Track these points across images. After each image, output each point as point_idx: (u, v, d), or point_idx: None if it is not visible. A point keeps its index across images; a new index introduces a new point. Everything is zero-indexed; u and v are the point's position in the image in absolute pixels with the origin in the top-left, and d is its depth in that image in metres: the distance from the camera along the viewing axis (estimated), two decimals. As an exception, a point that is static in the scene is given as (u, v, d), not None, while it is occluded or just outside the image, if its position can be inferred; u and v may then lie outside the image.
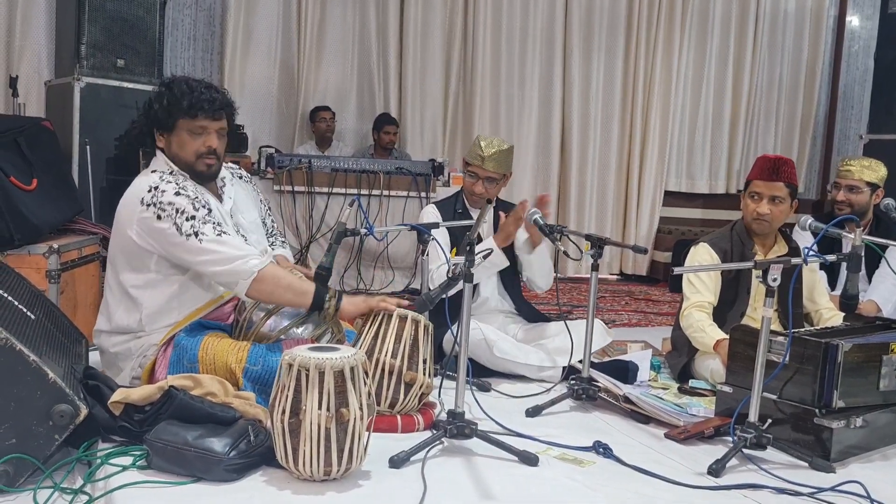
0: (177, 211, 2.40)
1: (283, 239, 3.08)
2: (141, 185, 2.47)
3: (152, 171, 2.52)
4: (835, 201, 3.77)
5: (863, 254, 2.51)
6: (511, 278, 3.44)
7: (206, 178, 2.61)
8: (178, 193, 2.42)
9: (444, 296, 2.40)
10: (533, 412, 2.69)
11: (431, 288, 2.75)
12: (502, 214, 3.16)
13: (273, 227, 3.02)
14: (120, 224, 2.51)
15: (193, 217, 2.40)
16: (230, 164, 2.74)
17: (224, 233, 2.43)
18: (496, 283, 3.43)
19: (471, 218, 3.29)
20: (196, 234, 2.38)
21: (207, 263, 2.41)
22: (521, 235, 3.23)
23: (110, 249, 2.59)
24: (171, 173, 2.51)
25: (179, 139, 2.54)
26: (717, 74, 7.03)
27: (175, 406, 2.10)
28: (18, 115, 4.29)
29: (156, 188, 2.43)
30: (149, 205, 2.41)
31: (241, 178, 2.87)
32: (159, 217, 2.40)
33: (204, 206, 2.45)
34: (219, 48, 6.25)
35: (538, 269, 3.32)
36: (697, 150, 7.11)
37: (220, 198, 2.68)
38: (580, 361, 2.84)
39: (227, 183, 2.74)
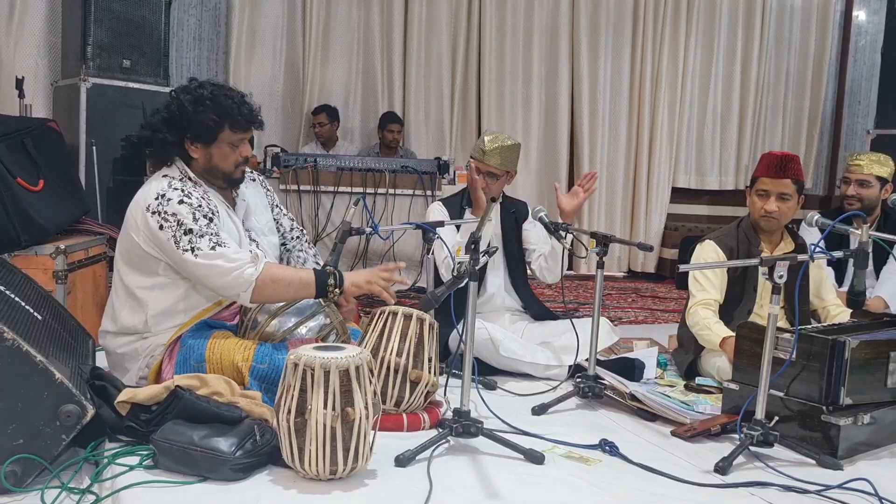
0: (178, 223, 2.40)
1: (307, 238, 3.06)
2: (150, 191, 2.47)
3: (163, 177, 2.52)
4: (844, 196, 3.76)
5: (870, 250, 2.50)
6: (519, 275, 3.43)
7: (239, 183, 2.68)
8: (181, 202, 2.43)
9: (450, 293, 2.40)
10: (539, 410, 2.69)
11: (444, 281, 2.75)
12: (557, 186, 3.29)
13: (292, 224, 3.00)
14: (127, 228, 2.52)
15: (191, 231, 2.40)
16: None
17: (220, 244, 2.41)
18: (503, 280, 3.42)
19: (476, 215, 3.29)
20: (192, 250, 2.39)
21: (204, 278, 2.43)
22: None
23: (117, 251, 2.60)
24: (181, 180, 2.51)
25: (221, 151, 2.55)
26: (724, 70, 7.00)
27: (181, 406, 2.10)
28: (25, 116, 4.30)
29: (162, 195, 2.43)
30: (154, 212, 2.42)
31: (253, 181, 2.88)
32: (161, 227, 2.41)
33: (205, 216, 2.44)
34: (224, 48, 6.26)
35: (554, 261, 3.27)
36: (707, 147, 7.07)
37: (233, 202, 2.69)
38: (586, 360, 2.83)
39: (241, 187, 2.75)
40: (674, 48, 6.83)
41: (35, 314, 2.30)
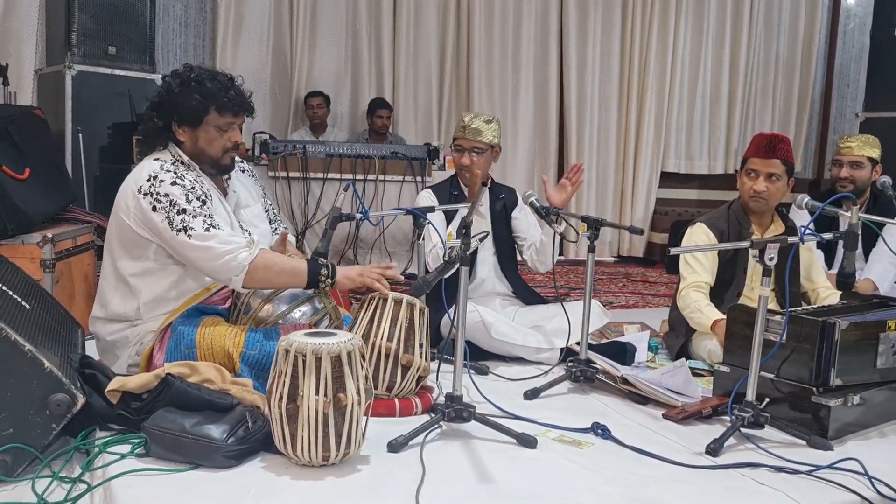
0: (170, 203, 2.38)
1: (284, 226, 3.06)
2: (141, 172, 2.45)
3: (155, 160, 2.49)
4: (836, 179, 3.76)
5: (859, 232, 2.50)
6: (508, 260, 3.43)
7: (228, 170, 2.64)
8: (174, 183, 2.41)
9: (441, 279, 2.39)
10: (531, 395, 2.69)
11: (430, 271, 2.74)
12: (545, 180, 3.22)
13: (275, 215, 3.00)
14: (118, 211, 2.49)
15: (184, 211, 2.38)
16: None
17: (214, 226, 2.40)
18: (493, 265, 3.42)
19: (466, 201, 3.28)
20: (185, 230, 2.37)
21: (197, 260, 2.41)
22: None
23: (107, 236, 2.58)
24: (173, 163, 2.49)
25: (208, 135, 2.53)
26: (714, 53, 6.98)
27: (172, 393, 2.09)
28: (9, 104, 4.25)
29: (154, 177, 2.41)
30: (146, 194, 2.40)
31: (243, 171, 2.86)
32: (154, 208, 2.39)
33: (198, 198, 2.42)
34: (211, 34, 6.21)
35: (544, 253, 3.29)
36: (696, 131, 7.07)
37: (224, 192, 2.67)
38: (578, 343, 2.83)
39: (232, 177, 2.73)
40: (663, 32, 6.81)
41: (23, 303, 2.29)
